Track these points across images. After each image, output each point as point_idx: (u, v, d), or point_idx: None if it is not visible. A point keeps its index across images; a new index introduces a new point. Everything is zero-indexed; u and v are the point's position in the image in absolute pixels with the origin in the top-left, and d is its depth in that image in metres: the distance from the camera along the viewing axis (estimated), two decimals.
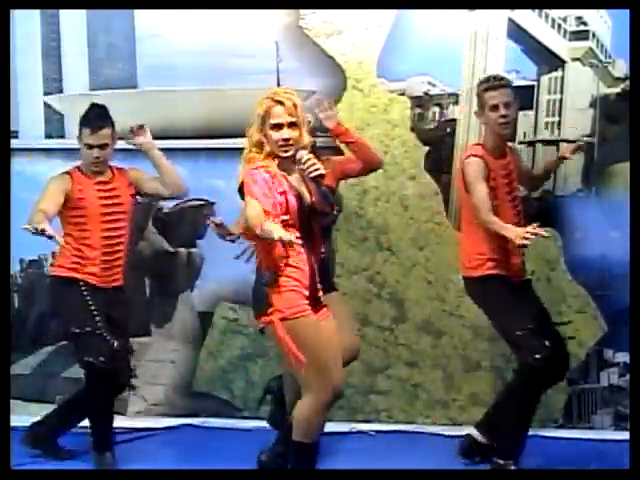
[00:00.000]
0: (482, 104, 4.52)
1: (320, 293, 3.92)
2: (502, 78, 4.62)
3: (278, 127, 3.83)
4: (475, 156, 4.49)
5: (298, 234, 3.72)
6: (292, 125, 3.84)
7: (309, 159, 3.78)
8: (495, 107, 4.47)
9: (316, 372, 3.77)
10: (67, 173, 4.73)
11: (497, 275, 4.52)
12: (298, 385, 3.91)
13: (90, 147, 4.68)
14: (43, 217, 4.38)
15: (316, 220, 3.91)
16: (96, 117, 4.70)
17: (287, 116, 3.83)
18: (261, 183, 3.77)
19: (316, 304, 3.88)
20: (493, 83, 4.52)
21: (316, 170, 3.77)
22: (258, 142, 3.89)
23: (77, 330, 4.61)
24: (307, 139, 3.90)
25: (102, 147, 4.68)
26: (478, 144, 4.64)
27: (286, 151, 3.83)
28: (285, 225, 3.76)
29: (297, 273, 3.82)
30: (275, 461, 4.54)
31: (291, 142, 3.83)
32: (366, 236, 5.34)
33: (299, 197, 3.84)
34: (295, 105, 3.85)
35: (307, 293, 3.83)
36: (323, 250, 4.09)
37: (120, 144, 4.95)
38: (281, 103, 3.83)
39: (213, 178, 5.33)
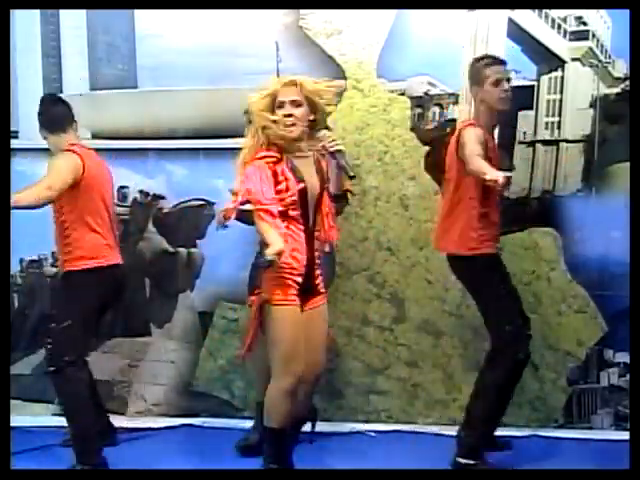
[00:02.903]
0: (482, 79, 4.52)
1: (318, 281, 4.00)
2: (499, 57, 4.69)
3: (281, 105, 3.90)
4: (474, 125, 4.50)
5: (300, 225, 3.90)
6: (295, 103, 3.89)
7: (329, 136, 3.96)
8: (498, 81, 4.52)
9: (280, 359, 3.88)
10: None
11: (493, 254, 4.57)
12: (268, 373, 4.00)
13: None
14: None
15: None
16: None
17: (290, 95, 3.90)
18: (260, 177, 3.83)
19: (309, 292, 3.97)
20: (494, 59, 4.60)
21: (336, 145, 3.94)
22: (262, 127, 3.92)
23: None
24: (313, 116, 3.95)
25: None
26: (471, 121, 4.63)
27: (291, 129, 3.88)
28: (284, 214, 3.87)
29: (293, 261, 3.89)
30: (251, 450, 4.68)
31: (294, 119, 3.88)
32: (366, 236, 5.34)
33: (303, 184, 3.91)
34: (298, 84, 3.91)
35: (300, 280, 3.91)
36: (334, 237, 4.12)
37: (118, 144, 4.96)
38: (284, 84, 3.93)
39: (213, 178, 5.33)
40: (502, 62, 4.59)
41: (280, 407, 3.92)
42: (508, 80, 4.56)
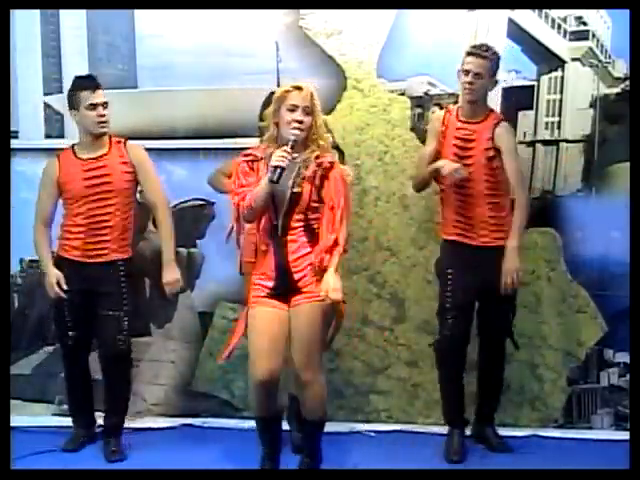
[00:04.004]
0: (461, 66, 4.71)
1: (302, 282, 4.01)
2: (487, 49, 4.71)
3: (293, 109, 3.97)
4: (442, 109, 4.92)
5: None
6: (306, 111, 3.96)
7: (284, 149, 3.90)
8: (466, 72, 4.66)
9: (250, 354, 4.10)
10: (56, 157, 4.87)
11: (455, 242, 4.79)
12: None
13: (94, 107, 4.71)
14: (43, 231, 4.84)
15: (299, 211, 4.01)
16: (89, 80, 4.80)
17: (302, 100, 3.97)
18: (237, 172, 4.07)
19: (290, 292, 4.03)
20: (474, 50, 4.70)
21: (277, 160, 3.88)
22: (268, 126, 4.03)
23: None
24: (319, 132, 4.02)
25: (105, 105, 4.74)
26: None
27: (296, 134, 3.94)
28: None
29: (263, 266, 4.05)
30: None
31: (303, 126, 3.95)
32: (366, 236, 5.34)
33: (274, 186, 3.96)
34: (312, 94, 4.00)
35: (271, 284, 4.03)
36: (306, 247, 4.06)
37: None
38: (299, 89, 3.99)
39: None
40: (479, 55, 4.65)
41: (254, 397, 4.13)
42: (476, 74, 4.63)
